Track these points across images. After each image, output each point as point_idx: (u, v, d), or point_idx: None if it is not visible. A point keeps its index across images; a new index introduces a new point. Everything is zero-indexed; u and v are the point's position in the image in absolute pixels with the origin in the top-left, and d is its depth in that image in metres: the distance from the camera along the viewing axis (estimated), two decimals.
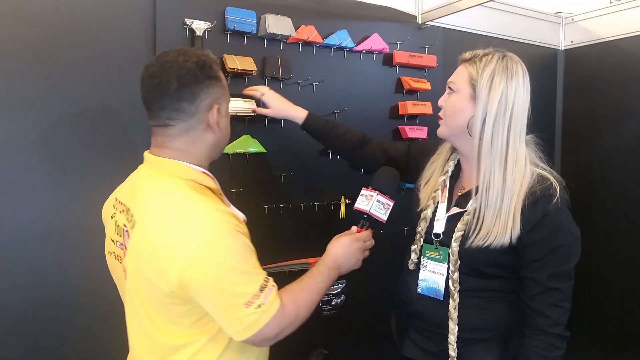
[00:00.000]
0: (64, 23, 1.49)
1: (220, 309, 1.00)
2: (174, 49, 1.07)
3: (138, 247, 1.02)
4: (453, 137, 1.30)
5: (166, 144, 1.07)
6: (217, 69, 1.10)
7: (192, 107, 1.05)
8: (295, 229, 1.89)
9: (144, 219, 1.02)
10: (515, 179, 1.17)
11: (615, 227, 2.40)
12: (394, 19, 2.10)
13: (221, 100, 1.11)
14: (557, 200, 1.14)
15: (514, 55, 1.25)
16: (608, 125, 2.50)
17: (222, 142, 1.16)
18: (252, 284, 1.00)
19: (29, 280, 1.47)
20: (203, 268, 0.96)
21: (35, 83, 1.46)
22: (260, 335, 1.02)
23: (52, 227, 1.50)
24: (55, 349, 1.52)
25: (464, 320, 1.23)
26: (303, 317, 1.13)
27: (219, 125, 1.10)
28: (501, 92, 1.17)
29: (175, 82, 1.02)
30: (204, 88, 1.05)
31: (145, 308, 1.05)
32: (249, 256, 1.02)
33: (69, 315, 1.53)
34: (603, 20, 2.52)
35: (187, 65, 1.03)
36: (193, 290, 0.97)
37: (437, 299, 1.27)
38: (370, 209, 1.30)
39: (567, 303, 1.15)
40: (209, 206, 1.01)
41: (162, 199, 1.03)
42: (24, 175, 1.46)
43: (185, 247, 0.95)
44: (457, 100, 1.25)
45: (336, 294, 1.99)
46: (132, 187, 1.12)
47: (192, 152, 1.08)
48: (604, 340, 2.46)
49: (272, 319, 1.02)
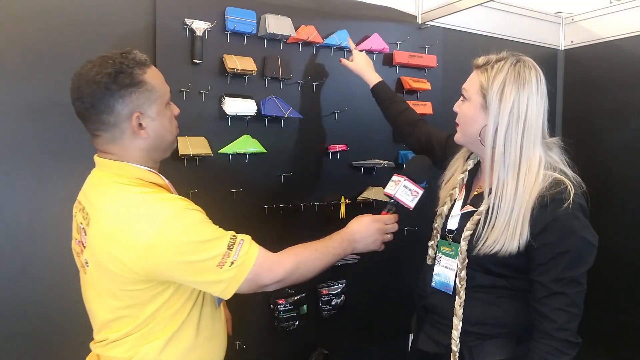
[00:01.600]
0: (64, 23, 1.49)
1: (196, 278, 1.06)
2: (99, 56, 1.07)
3: (95, 243, 1.07)
4: (468, 144, 1.31)
5: (102, 149, 1.11)
6: (139, 73, 1.07)
7: (111, 119, 1.06)
8: (295, 229, 1.88)
9: (97, 216, 1.07)
10: (526, 187, 1.16)
11: (616, 227, 2.40)
12: (394, 19, 2.10)
13: (145, 105, 1.08)
14: (568, 204, 1.11)
15: (529, 60, 1.22)
16: (608, 125, 2.50)
17: (160, 143, 1.14)
18: (217, 247, 1.05)
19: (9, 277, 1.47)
20: (162, 251, 1.01)
21: (36, 83, 1.46)
22: (251, 285, 1.09)
23: (54, 225, 1.50)
24: (42, 344, 1.52)
25: (470, 315, 1.23)
26: (305, 272, 1.18)
27: (147, 131, 1.10)
28: (512, 102, 1.16)
29: (88, 97, 1.04)
30: (118, 99, 1.04)
31: (105, 297, 1.09)
32: (205, 227, 1.07)
33: (44, 315, 1.52)
34: (603, 20, 2.52)
35: (98, 78, 1.03)
36: (162, 272, 1.03)
37: (448, 293, 1.28)
38: (395, 194, 1.30)
39: (574, 308, 1.13)
40: (154, 195, 1.06)
41: (111, 197, 1.07)
42: (27, 173, 1.47)
43: (139, 236, 1.00)
44: (469, 109, 1.24)
45: (336, 294, 1.99)
46: (87, 188, 1.16)
47: (127, 156, 1.10)
48: (605, 341, 2.47)
49: (255, 267, 1.08)
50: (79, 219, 1.14)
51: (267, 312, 1.85)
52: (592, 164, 2.55)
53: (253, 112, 1.72)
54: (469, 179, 1.35)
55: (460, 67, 1.44)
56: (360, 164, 2.00)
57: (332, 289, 1.98)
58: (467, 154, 1.39)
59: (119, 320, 1.10)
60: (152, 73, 1.11)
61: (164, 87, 1.14)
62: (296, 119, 1.85)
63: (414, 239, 1.91)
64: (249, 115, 1.72)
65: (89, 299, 1.16)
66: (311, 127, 1.91)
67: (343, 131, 1.98)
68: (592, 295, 1.22)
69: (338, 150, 1.94)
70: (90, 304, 1.16)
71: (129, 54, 1.08)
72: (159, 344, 1.10)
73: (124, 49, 1.10)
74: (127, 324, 1.09)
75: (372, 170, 2.05)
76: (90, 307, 1.16)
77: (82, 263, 1.13)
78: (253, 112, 1.72)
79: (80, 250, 1.13)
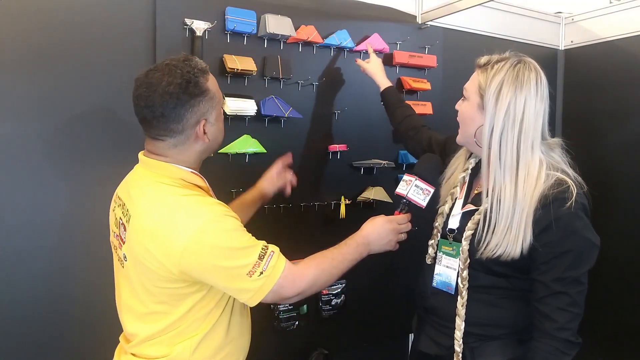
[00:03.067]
0: (64, 23, 1.49)
1: (226, 284, 1.09)
2: (163, 64, 1.10)
3: (134, 239, 1.10)
4: (467, 144, 1.31)
5: (156, 152, 1.14)
6: (203, 82, 1.11)
7: (179, 127, 1.10)
8: (295, 229, 1.88)
9: (138, 214, 1.10)
10: (527, 191, 1.15)
11: (616, 227, 2.40)
12: (394, 19, 2.10)
13: (209, 112, 1.13)
14: (571, 204, 1.11)
15: (531, 61, 1.21)
16: (608, 125, 2.50)
17: (212, 146, 1.20)
18: (250, 256, 1.08)
19: (32, 278, 1.48)
20: (198, 253, 1.04)
21: (36, 83, 1.46)
22: (275, 296, 1.12)
23: (55, 224, 1.50)
24: (58, 345, 1.52)
25: (472, 315, 1.23)
26: (323, 282, 1.21)
27: (208, 136, 1.15)
28: (508, 103, 1.15)
29: (159, 107, 1.07)
30: (188, 108, 1.08)
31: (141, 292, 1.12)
32: (240, 234, 1.10)
33: (72, 311, 1.54)
34: (603, 20, 2.52)
35: (170, 89, 1.06)
36: (196, 273, 1.06)
37: (450, 293, 1.28)
38: (407, 193, 1.32)
39: (575, 308, 1.12)
40: (195, 198, 1.09)
41: (153, 196, 1.10)
42: (27, 173, 1.47)
43: (177, 236, 1.03)
44: (467, 109, 1.25)
45: (336, 294, 1.99)
46: (128, 185, 1.19)
47: (181, 159, 1.14)
48: (605, 341, 2.47)
49: (280, 280, 1.10)
50: (117, 213, 1.18)
51: (267, 312, 1.84)
52: (592, 163, 2.55)
53: (253, 112, 1.72)
54: (470, 178, 1.35)
55: (460, 67, 1.44)
56: (360, 164, 2.00)
57: (332, 289, 1.98)
58: (469, 153, 1.38)
59: (151, 315, 1.12)
60: (212, 80, 1.15)
61: (220, 93, 1.18)
62: (296, 119, 1.85)
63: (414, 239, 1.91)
64: (249, 115, 1.72)
65: (121, 293, 1.20)
66: (311, 127, 1.91)
67: (343, 131, 1.98)
68: (592, 296, 1.22)
69: (338, 150, 1.94)
70: (123, 298, 1.19)
71: (191, 62, 1.11)
72: (193, 342, 1.13)
73: (184, 55, 1.13)
74: (159, 320, 1.12)
75: (372, 170, 2.05)
76: (123, 300, 1.19)
77: (120, 257, 1.16)
78: (253, 112, 1.72)
79: (119, 244, 1.16)
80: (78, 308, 1.55)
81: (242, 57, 1.70)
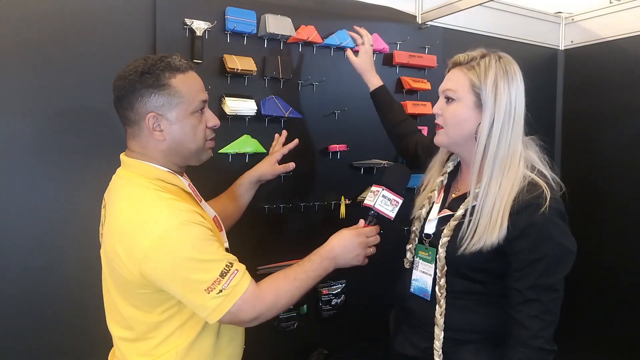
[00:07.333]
0: (64, 23, 1.49)
1: (184, 296, 1.05)
2: (143, 56, 1.12)
3: (108, 241, 1.09)
4: (454, 145, 1.28)
5: (128, 145, 1.16)
6: (165, 77, 1.08)
7: (132, 115, 1.10)
8: (295, 229, 1.88)
9: (111, 215, 1.10)
10: (509, 179, 1.15)
11: (616, 228, 2.39)
12: (394, 19, 2.10)
13: (164, 108, 1.09)
14: (544, 210, 1.08)
15: (506, 54, 1.22)
16: (608, 125, 2.50)
17: (178, 149, 1.13)
18: (211, 271, 1.03)
19: (26, 277, 1.48)
20: (158, 259, 1.01)
21: (36, 83, 1.46)
22: (232, 318, 1.06)
23: (50, 224, 1.50)
24: (53, 346, 1.52)
25: (449, 321, 1.21)
26: (284, 304, 1.14)
27: (163, 134, 1.10)
28: (507, 97, 1.15)
29: (116, 90, 1.10)
30: (138, 97, 1.08)
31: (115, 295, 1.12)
32: (206, 245, 1.05)
33: (66, 311, 1.53)
34: (603, 20, 2.52)
35: (127, 74, 1.08)
36: (155, 280, 1.03)
37: (425, 299, 1.27)
38: (375, 204, 1.27)
39: (549, 316, 1.10)
40: (167, 202, 1.06)
41: (125, 197, 1.09)
42: (24, 173, 1.47)
43: (140, 240, 1.01)
44: (460, 109, 1.21)
45: (336, 294, 1.99)
46: (110, 186, 1.19)
47: (148, 155, 1.13)
48: (598, 346, 2.47)
49: (240, 302, 1.05)
50: (102, 215, 1.19)
51: None
52: (592, 163, 2.56)
53: (253, 112, 1.72)
54: (448, 181, 1.33)
55: None
56: (360, 164, 2.00)
57: (332, 289, 1.98)
58: (446, 157, 1.37)
59: (126, 320, 1.11)
60: (182, 79, 1.11)
61: (193, 95, 1.12)
62: (296, 119, 1.85)
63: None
64: (249, 115, 1.72)
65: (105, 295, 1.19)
66: (311, 127, 1.91)
67: (343, 131, 1.97)
68: (589, 298, 1.22)
69: (338, 150, 1.94)
70: (105, 300, 1.19)
71: (166, 58, 1.11)
72: (179, 352, 1.10)
73: (168, 53, 1.14)
74: (135, 326, 1.10)
75: (372, 170, 2.05)
76: (105, 302, 1.19)
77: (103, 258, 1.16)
78: (253, 112, 1.72)
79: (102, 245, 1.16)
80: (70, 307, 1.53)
81: (242, 57, 1.70)
